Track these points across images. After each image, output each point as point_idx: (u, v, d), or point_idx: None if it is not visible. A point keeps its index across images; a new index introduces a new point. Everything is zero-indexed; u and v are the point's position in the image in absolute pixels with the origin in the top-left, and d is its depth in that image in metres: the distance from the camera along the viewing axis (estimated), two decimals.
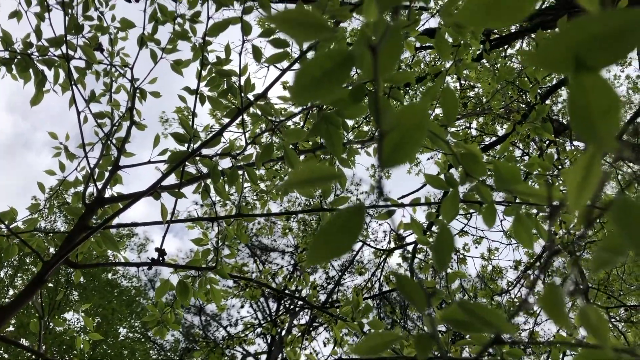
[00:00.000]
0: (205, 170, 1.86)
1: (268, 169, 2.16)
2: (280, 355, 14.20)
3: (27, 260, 12.63)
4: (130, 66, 2.21)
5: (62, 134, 2.33)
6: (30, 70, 2.31)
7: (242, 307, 18.02)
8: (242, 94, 1.54)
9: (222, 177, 1.70)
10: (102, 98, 2.36)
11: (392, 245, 9.92)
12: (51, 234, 1.88)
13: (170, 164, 1.63)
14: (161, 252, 1.69)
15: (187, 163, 1.83)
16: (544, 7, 8.51)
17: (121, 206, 1.63)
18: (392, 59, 0.48)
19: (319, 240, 0.45)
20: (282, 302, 17.27)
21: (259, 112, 1.51)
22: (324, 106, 1.25)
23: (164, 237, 1.73)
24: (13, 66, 2.30)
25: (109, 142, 2.04)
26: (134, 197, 1.62)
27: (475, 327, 0.46)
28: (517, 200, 1.16)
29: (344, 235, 0.44)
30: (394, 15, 0.48)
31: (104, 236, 1.69)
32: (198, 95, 1.80)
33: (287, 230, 11.61)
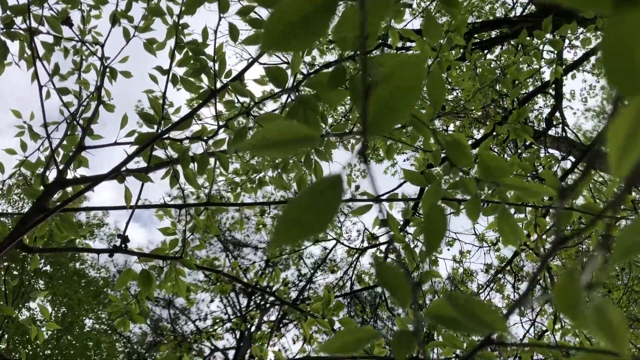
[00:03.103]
0: (175, 155, 1.77)
1: (243, 162, 2.07)
2: (249, 351, 14.09)
3: None
4: (101, 44, 2.11)
5: (28, 115, 2.20)
6: None
7: (212, 301, 17.85)
8: (216, 76, 1.45)
9: (192, 163, 1.61)
10: (70, 77, 2.25)
11: (366, 244, 9.90)
12: (3, 217, 1.76)
13: (137, 145, 1.53)
14: (124, 238, 1.59)
15: (155, 147, 1.74)
16: (525, 13, 8.58)
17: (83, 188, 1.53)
18: (380, 9, 0.41)
19: (288, 216, 0.38)
20: (253, 297, 17.16)
21: (234, 98, 1.42)
22: (301, 89, 1.18)
23: (127, 223, 1.63)
24: None
25: (74, 122, 1.93)
26: (96, 179, 1.52)
27: (465, 325, 0.40)
28: (500, 193, 1.10)
29: (318, 210, 0.37)
30: None
31: (63, 220, 1.59)
32: (170, 76, 1.70)
33: (260, 226, 11.50)
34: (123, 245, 1.57)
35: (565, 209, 1.62)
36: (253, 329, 14.36)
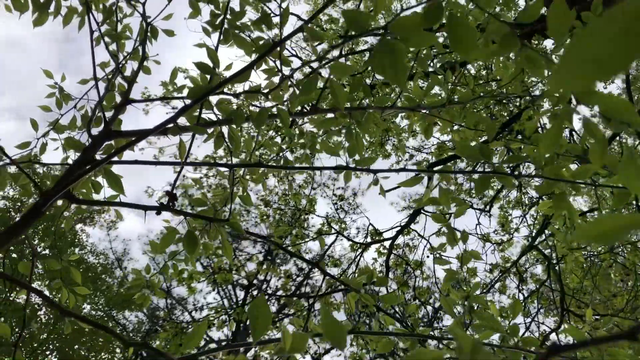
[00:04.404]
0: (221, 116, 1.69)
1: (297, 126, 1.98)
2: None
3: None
4: (142, 1, 2.02)
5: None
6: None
7: (209, 293, 17.77)
8: (281, 24, 1.37)
9: (246, 121, 1.53)
10: (107, 35, 2.16)
11: (369, 240, 9.83)
12: (49, 166, 1.68)
13: (190, 99, 1.45)
14: (172, 196, 1.51)
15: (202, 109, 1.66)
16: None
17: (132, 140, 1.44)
18: None
19: (579, 49, 0.30)
20: (250, 290, 17.09)
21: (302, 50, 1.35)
22: (384, 32, 1.10)
23: (175, 180, 1.56)
24: None
25: (119, 75, 1.85)
26: (143, 133, 1.44)
27: None
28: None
29: (623, 41, 0.30)
30: None
31: (107, 173, 1.51)
32: (222, 31, 1.62)
33: (264, 217, 11.41)
34: (171, 204, 1.50)
35: None
36: (249, 322, 14.23)
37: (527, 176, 1.90)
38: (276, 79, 1.60)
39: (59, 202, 1.52)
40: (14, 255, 11.12)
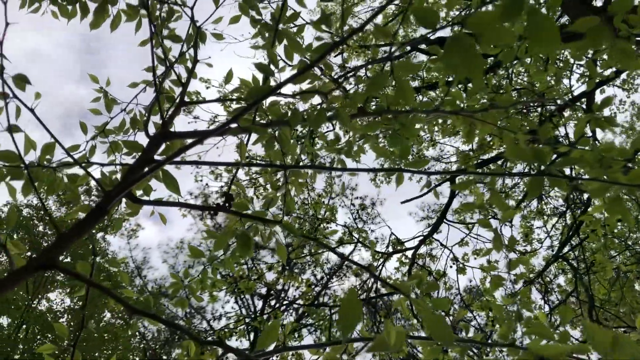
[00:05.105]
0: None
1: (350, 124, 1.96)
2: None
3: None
4: (190, 6, 2.04)
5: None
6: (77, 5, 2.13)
7: (227, 302, 17.77)
8: (343, 22, 1.37)
9: (303, 121, 1.52)
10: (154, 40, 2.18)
11: (390, 249, 9.77)
12: (111, 166, 1.69)
13: (246, 101, 1.45)
14: (229, 197, 1.51)
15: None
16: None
17: (189, 141, 1.45)
18: None
19: None
20: (268, 299, 17.07)
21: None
22: (457, 27, 1.09)
23: (231, 181, 1.56)
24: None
25: (162, 82, 1.86)
26: (203, 134, 1.45)
27: None
28: None
29: None
30: None
31: (164, 174, 1.51)
32: (276, 30, 1.63)
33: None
34: (227, 204, 1.49)
35: None
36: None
37: (582, 179, 1.87)
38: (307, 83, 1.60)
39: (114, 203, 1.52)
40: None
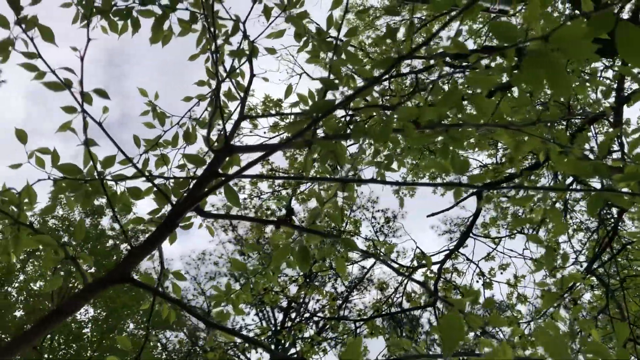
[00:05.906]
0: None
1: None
2: None
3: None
4: (242, 21, 2.06)
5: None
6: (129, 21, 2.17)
7: (248, 314, 17.76)
8: (410, 37, 1.37)
9: (364, 136, 1.52)
10: (202, 56, 2.21)
11: (415, 263, 9.69)
12: (177, 178, 1.70)
13: (312, 114, 1.45)
14: (290, 211, 1.51)
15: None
16: None
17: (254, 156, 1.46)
18: None
19: None
20: (289, 312, 17.03)
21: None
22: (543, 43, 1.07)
23: (291, 197, 1.55)
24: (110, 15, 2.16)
25: (218, 96, 1.88)
26: (274, 146, 1.45)
27: None
28: None
29: None
30: None
31: (227, 189, 1.52)
32: (336, 45, 1.63)
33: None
34: (289, 219, 1.49)
35: None
36: (287, 344, 14.19)
37: None
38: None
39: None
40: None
